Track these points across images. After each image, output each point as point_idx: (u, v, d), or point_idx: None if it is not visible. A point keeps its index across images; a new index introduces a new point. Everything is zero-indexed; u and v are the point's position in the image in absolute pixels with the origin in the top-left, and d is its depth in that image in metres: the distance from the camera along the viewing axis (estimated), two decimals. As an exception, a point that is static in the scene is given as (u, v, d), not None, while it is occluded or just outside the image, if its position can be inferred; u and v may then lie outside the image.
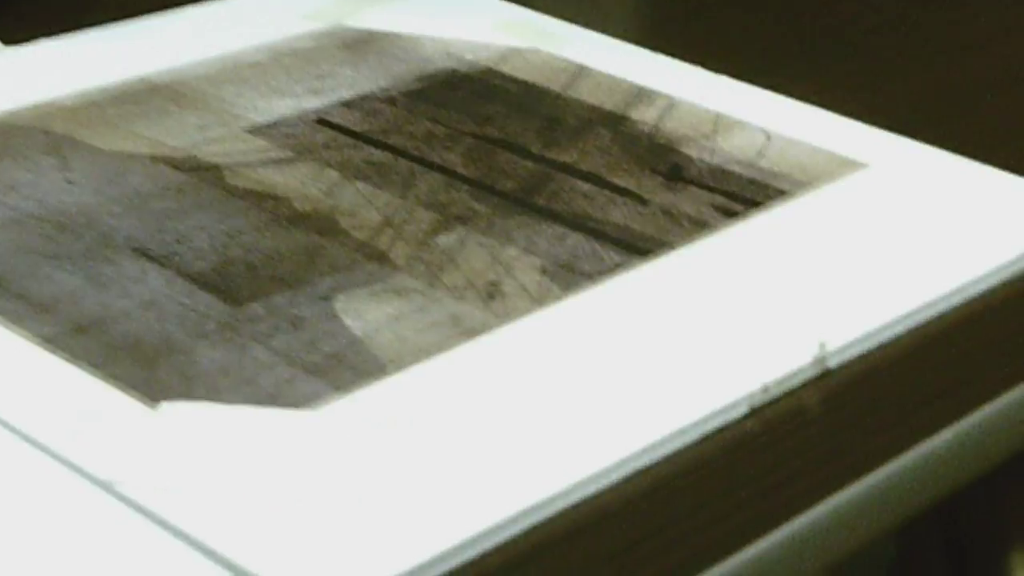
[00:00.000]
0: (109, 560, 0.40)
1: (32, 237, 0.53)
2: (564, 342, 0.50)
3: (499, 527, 0.42)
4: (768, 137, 0.63)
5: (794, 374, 0.49)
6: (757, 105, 0.65)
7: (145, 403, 0.46)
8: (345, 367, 0.48)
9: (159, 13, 0.71)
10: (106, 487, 0.42)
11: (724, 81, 0.67)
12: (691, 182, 0.59)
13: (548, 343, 0.50)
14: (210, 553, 0.41)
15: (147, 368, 0.47)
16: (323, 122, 0.62)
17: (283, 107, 0.63)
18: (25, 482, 0.43)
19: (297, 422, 0.45)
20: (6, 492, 0.42)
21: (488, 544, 0.42)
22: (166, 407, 0.45)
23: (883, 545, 0.60)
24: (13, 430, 0.44)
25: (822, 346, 0.50)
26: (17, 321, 0.49)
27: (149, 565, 0.40)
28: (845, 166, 0.61)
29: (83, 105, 0.62)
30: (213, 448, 0.44)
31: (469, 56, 0.68)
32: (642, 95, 0.66)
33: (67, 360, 0.47)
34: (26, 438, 0.44)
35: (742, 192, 0.59)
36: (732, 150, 0.62)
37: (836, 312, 0.52)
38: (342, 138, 0.61)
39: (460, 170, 0.59)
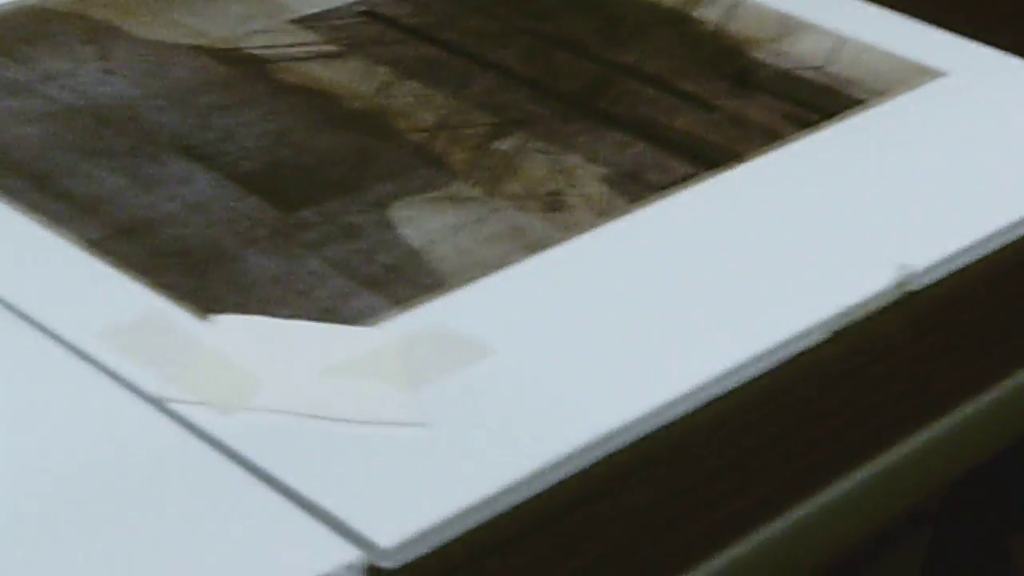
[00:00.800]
0: (158, 478, 0.38)
1: (72, 132, 0.51)
2: (631, 259, 0.47)
3: (568, 458, 0.40)
4: (839, 41, 0.60)
5: (875, 298, 0.47)
6: (824, 6, 0.63)
7: (196, 314, 0.43)
8: (403, 280, 0.45)
9: None
10: (157, 403, 0.40)
11: (790, -21, 0.64)
12: (759, 88, 0.57)
13: (614, 259, 0.47)
14: (263, 475, 0.38)
15: (197, 276, 0.45)
16: (372, 14, 0.59)
17: (330, -3, 0.60)
18: (72, 396, 0.40)
19: (355, 338, 0.43)
20: (53, 405, 0.40)
21: (556, 477, 0.40)
22: (218, 319, 0.43)
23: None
24: (59, 340, 0.42)
25: (904, 269, 0.47)
26: (60, 222, 0.46)
27: (200, 484, 0.38)
28: (921, 74, 0.58)
29: (122, -10, 0.59)
30: (267, 364, 0.42)
31: (523, -53, 0.65)
32: (704, -8, 0.63)
33: (113, 265, 0.45)
34: (72, 349, 0.42)
35: (814, 100, 0.56)
36: (801, 54, 0.59)
37: (917, 232, 0.49)
38: (392, 32, 0.58)
39: (517, 69, 0.57)
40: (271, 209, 0.48)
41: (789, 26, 0.61)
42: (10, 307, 0.43)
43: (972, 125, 0.55)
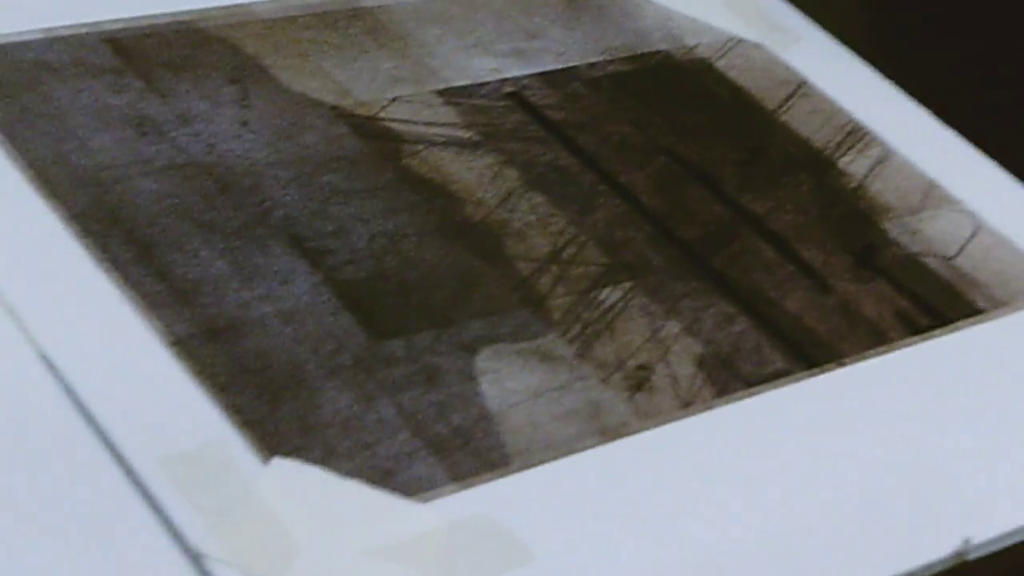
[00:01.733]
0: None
1: (191, 194, 0.51)
2: (705, 459, 0.47)
3: None
4: (975, 226, 0.59)
5: (929, 565, 0.46)
6: (974, 175, 0.61)
7: (259, 452, 0.44)
8: (469, 450, 0.46)
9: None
10: (195, 558, 0.41)
11: (946, 136, 0.63)
12: (881, 272, 0.56)
13: (688, 457, 0.47)
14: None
15: (270, 403, 0.45)
16: (518, 98, 0.59)
17: (481, 68, 0.60)
18: (118, 525, 0.41)
19: (405, 514, 0.43)
20: (99, 530, 0.41)
21: None
22: (278, 464, 0.44)
23: None
24: (117, 455, 0.43)
25: (966, 541, 0.47)
26: (154, 309, 0.47)
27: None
28: (1047, 288, 0.57)
29: (279, 20, 0.59)
30: (311, 530, 0.42)
31: (688, 40, 0.64)
32: (856, 134, 0.62)
33: (193, 372, 0.45)
34: (129, 471, 0.42)
35: (931, 299, 0.55)
36: (934, 235, 0.58)
37: (988, 497, 0.49)
38: (532, 127, 0.58)
39: (645, 199, 0.56)
40: (361, 332, 0.48)
41: (931, 197, 0.59)
42: (81, 404, 0.44)
43: (1084, 364, 0.54)
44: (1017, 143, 0.64)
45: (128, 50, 0.56)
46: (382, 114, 0.56)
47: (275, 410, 0.45)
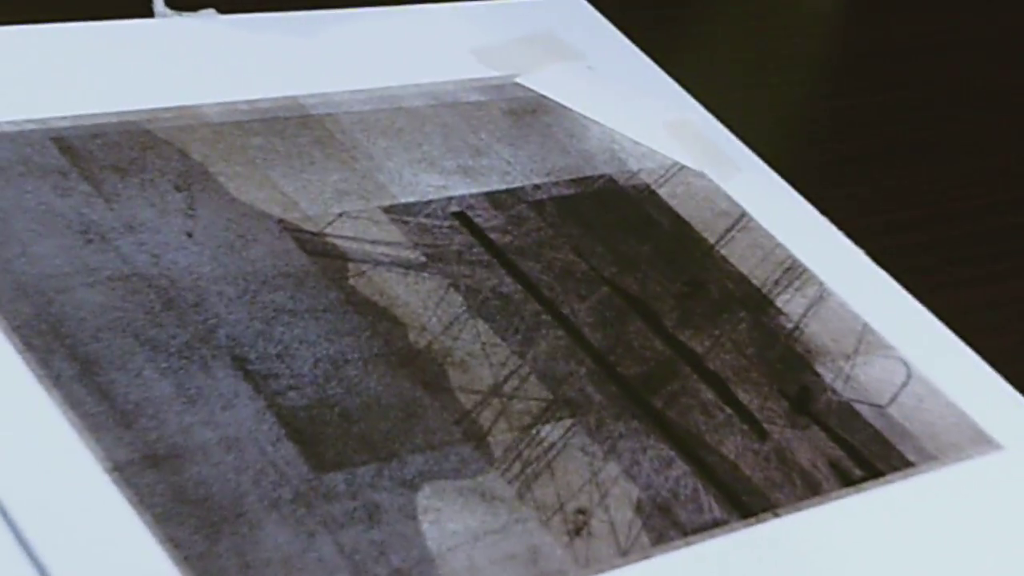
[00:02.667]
0: None
1: (136, 308, 0.50)
2: (636, 614, 0.47)
3: None
4: (908, 376, 0.59)
5: None
6: (906, 321, 0.62)
7: (196, 590, 0.43)
8: (408, 594, 0.45)
9: (335, 9, 0.67)
10: None
11: (882, 278, 0.64)
12: (815, 418, 0.56)
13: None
14: None
15: (209, 538, 0.45)
16: (464, 218, 0.59)
17: (429, 184, 0.59)
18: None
19: (343, 662, 0.43)
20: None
21: None
22: (216, 603, 0.43)
23: None
24: (55, 587, 0.42)
25: None
26: (95, 432, 0.46)
27: None
28: (977, 442, 0.57)
29: (228, 123, 0.59)
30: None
31: (632, 164, 0.64)
32: (794, 271, 0.62)
33: (132, 503, 0.45)
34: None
35: (864, 449, 0.55)
36: (867, 383, 0.58)
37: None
38: (478, 249, 0.58)
39: (587, 331, 0.56)
40: (303, 464, 0.48)
41: (865, 343, 0.60)
42: (15, 529, 0.43)
43: (1016, 519, 0.55)
44: (948, 285, 0.65)
45: (74, 150, 0.55)
46: (328, 229, 0.56)
47: (214, 544, 0.44)
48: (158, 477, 0.46)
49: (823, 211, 0.65)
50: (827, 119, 0.72)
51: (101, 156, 0.55)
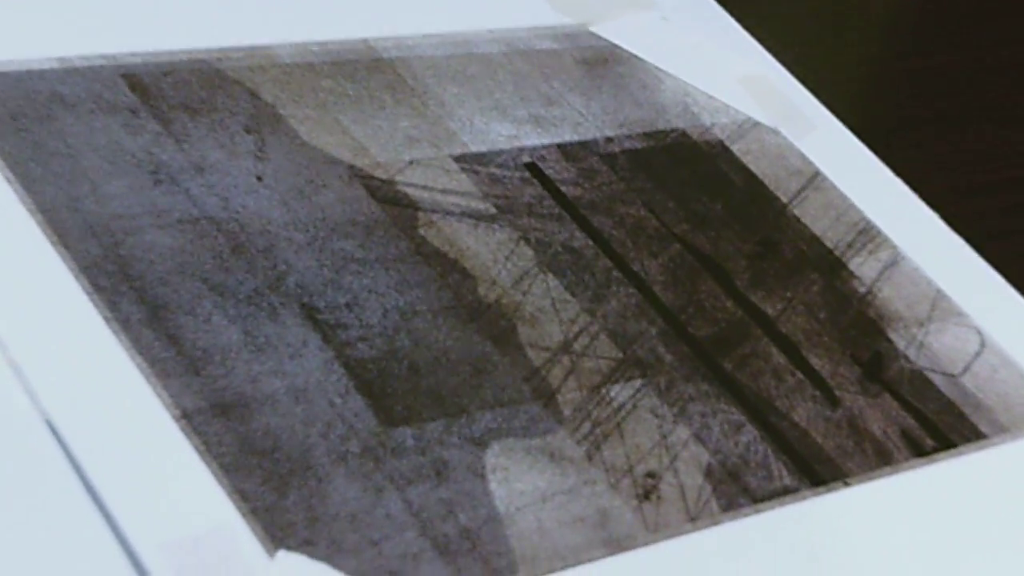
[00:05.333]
0: None
1: (204, 252, 0.49)
2: (705, 581, 0.46)
3: None
4: (981, 344, 0.58)
5: None
6: (980, 288, 0.61)
7: (265, 543, 0.42)
8: (475, 554, 0.44)
9: (406, -50, 0.66)
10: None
11: (956, 242, 0.62)
12: (888, 387, 0.55)
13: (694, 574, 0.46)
14: None
15: (278, 490, 0.44)
16: (535, 169, 0.58)
17: (500, 134, 0.58)
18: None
19: (410, 622, 0.42)
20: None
21: None
22: (283, 558, 0.42)
23: None
24: (120, 536, 0.41)
25: None
26: (162, 378, 0.45)
27: None
28: (1050, 416, 0.56)
29: (298, 65, 0.58)
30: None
31: (705, 119, 0.63)
32: (867, 233, 0.61)
33: (200, 452, 0.44)
34: (131, 554, 0.41)
35: (938, 419, 0.54)
36: (940, 350, 0.57)
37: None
38: (549, 201, 0.57)
39: (658, 290, 0.55)
40: (372, 417, 0.47)
41: (939, 310, 0.59)
42: (83, 476, 0.42)
43: (1083, 499, 0.54)
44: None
45: (145, 87, 0.54)
46: (399, 177, 0.55)
47: (282, 498, 0.44)
48: (226, 426, 0.45)
49: (898, 172, 0.64)
50: (905, 78, 0.70)
51: (171, 94, 0.54)
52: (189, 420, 0.45)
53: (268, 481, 0.44)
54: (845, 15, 0.68)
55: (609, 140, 0.60)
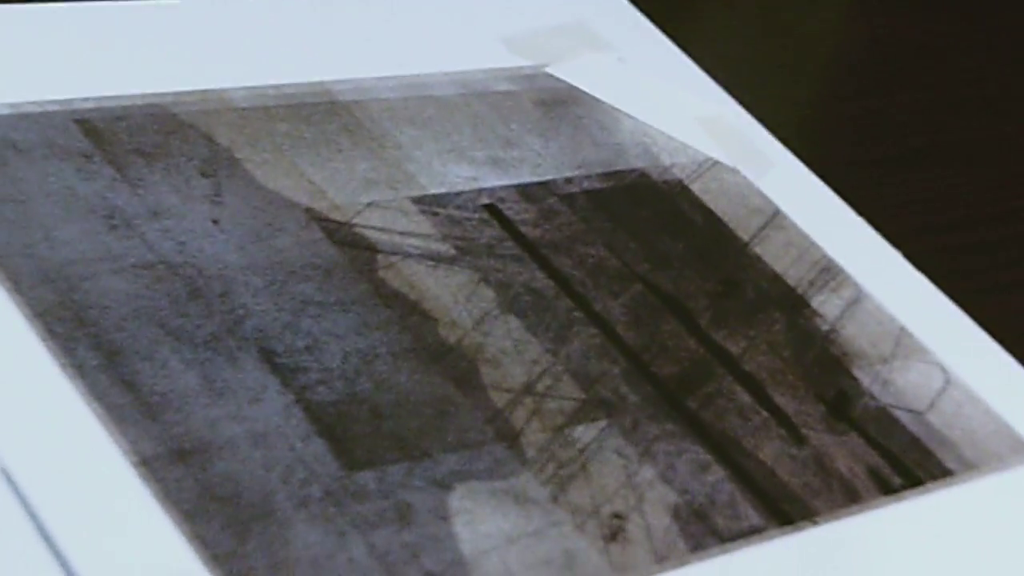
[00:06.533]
0: None
1: (162, 298, 0.49)
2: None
3: None
4: (946, 381, 0.58)
5: None
6: (943, 325, 0.60)
7: (224, 590, 0.42)
8: (441, 598, 0.44)
9: (361, -6, 0.65)
10: None
11: (917, 280, 0.62)
12: (853, 424, 0.55)
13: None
14: None
15: (237, 536, 0.43)
16: (494, 210, 0.57)
17: (458, 175, 0.58)
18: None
19: (375, 668, 0.41)
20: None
21: None
22: (244, 605, 0.42)
23: None
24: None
25: None
26: (120, 424, 0.44)
27: None
28: (1017, 451, 0.56)
29: (254, 109, 0.57)
30: None
31: (664, 159, 0.63)
32: (830, 271, 0.61)
33: (159, 498, 0.43)
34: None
35: (904, 456, 0.54)
36: (905, 387, 0.57)
37: None
38: (509, 242, 0.56)
39: (620, 330, 0.54)
40: (333, 461, 0.46)
41: (903, 347, 0.59)
42: (40, 525, 0.41)
43: (1052, 535, 0.54)
44: (988, 290, 0.64)
45: (98, 133, 0.53)
46: (357, 220, 0.54)
47: (243, 544, 0.43)
48: (185, 472, 0.44)
49: (858, 211, 0.64)
50: (864, 116, 0.70)
51: (126, 139, 0.54)
52: (148, 466, 0.44)
53: (228, 527, 0.43)
54: (803, 54, 0.68)
55: (568, 181, 0.60)
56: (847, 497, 0.52)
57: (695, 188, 0.62)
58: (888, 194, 0.68)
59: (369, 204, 0.55)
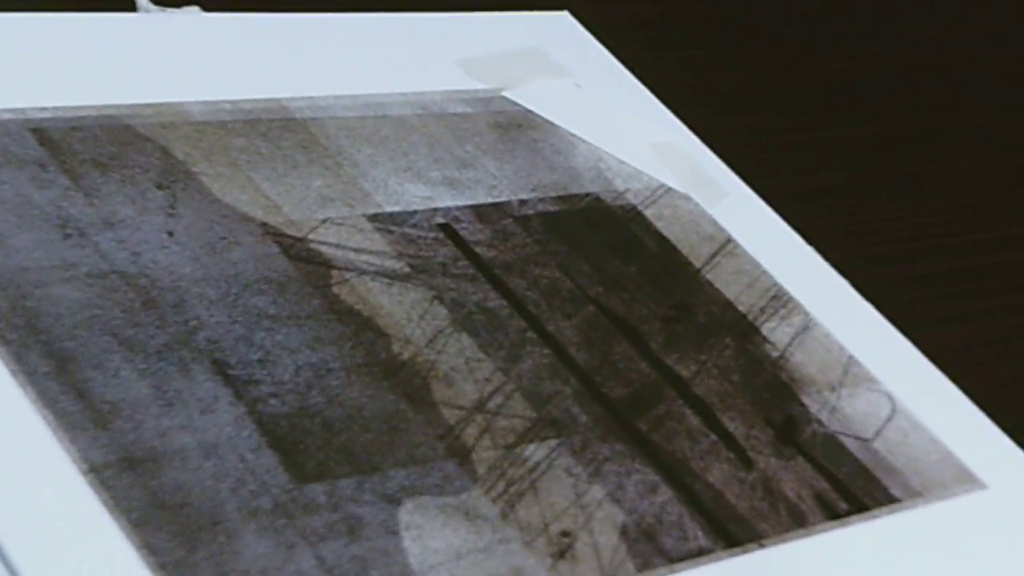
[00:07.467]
0: None
1: (114, 307, 0.49)
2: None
3: None
4: (892, 410, 0.58)
5: None
6: (893, 354, 0.61)
7: (172, 599, 0.42)
8: (389, 612, 0.44)
9: (324, 12, 0.65)
10: None
11: (866, 309, 0.63)
12: (801, 450, 0.55)
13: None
14: None
15: (186, 545, 0.43)
16: (449, 230, 0.57)
17: (414, 195, 0.58)
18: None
19: None
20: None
21: None
22: (192, 614, 0.41)
23: None
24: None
25: None
26: (70, 431, 0.44)
27: None
28: (961, 480, 0.57)
29: (210, 122, 0.57)
30: None
31: (618, 184, 0.63)
32: (779, 299, 0.61)
33: (107, 506, 0.43)
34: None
35: (850, 483, 0.54)
36: (853, 415, 0.57)
37: None
38: (463, 262, 0.56)
39: (572, 351, 0.55)
40: (283, 473, 0.46)
41: (851, 375, 0.59)
42: (-9, 530, 0.41)
43: (1006, 557, 0.54)
44: (934, 321, 0.64)
45: (54, 142, 0.53)
46: (312, 235, 0.54)
47: (191, 553, 0.43)
48: (135, 480, 0.44)
49: (809, 240, 0.64)
50: (815, 147, 0.71)
51: (81, 149, 0.54)
52: (97, 474, 0.44)
53: (177, 536, 0.43)
54: (756, 84, 0.68)
55: (523, 203, 0.60)
56: (794, 521, 0.52)
57: (648, 214, 0.63)
58: (838, 224, 0.69)
59: (325, 220, 0.55)
